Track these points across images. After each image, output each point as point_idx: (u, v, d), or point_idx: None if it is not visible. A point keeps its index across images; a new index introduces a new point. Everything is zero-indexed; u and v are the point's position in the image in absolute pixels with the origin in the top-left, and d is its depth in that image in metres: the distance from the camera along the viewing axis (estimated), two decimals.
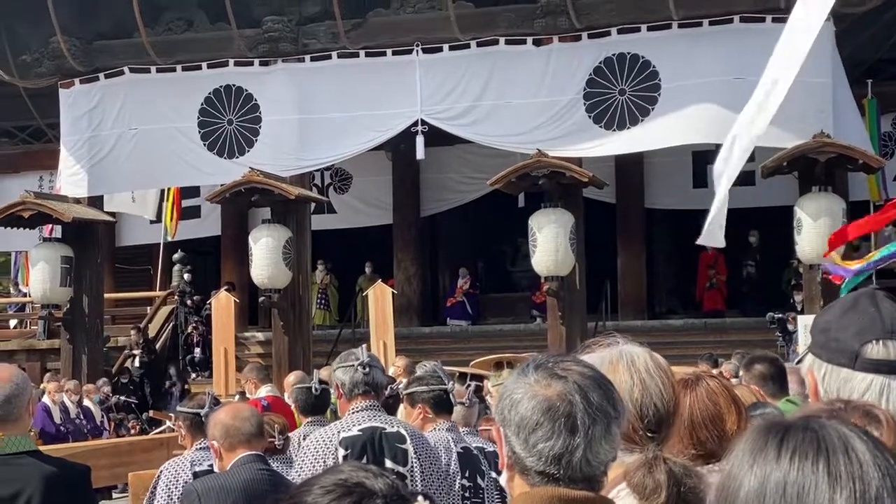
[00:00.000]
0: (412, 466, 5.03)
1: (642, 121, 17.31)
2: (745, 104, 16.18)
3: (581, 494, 2.01)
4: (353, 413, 5.07)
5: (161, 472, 5.91)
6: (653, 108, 17.28)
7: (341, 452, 4.91)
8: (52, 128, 21.25)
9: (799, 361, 2.41)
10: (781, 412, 4.51)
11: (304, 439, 5.51)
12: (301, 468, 4.93)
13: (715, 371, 7.76)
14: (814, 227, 15.69)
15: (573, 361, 2.12)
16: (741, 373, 6.43)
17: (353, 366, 5.07)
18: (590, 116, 17.53)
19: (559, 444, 2.01)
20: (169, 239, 22.94)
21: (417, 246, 22.99)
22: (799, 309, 17.01)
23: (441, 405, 5.82)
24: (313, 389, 6.72)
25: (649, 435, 2.41)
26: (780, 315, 17.10)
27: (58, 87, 19.55)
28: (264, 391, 10.10)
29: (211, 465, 5.72)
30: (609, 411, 2.05)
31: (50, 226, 19.24)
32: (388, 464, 4.88)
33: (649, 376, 2.47)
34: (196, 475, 5.70)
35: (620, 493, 2.25)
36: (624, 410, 2.12)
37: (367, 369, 5.06)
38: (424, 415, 5.83)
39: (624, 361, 2.48)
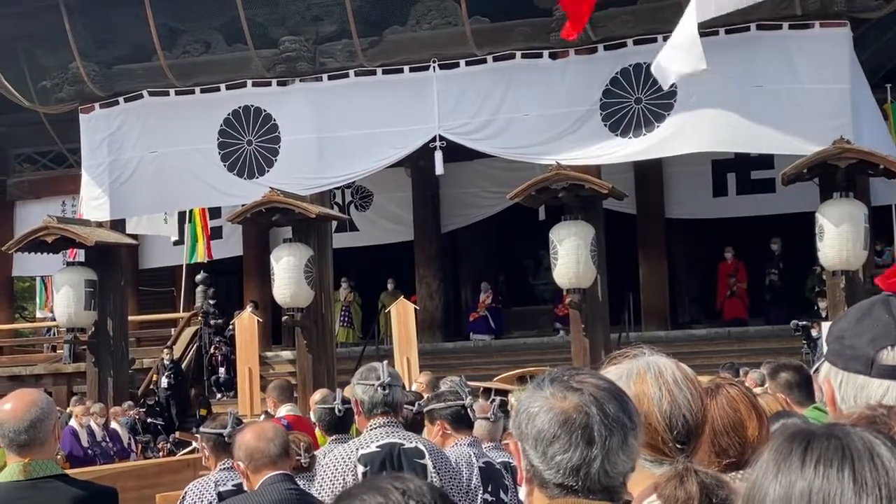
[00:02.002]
0: (431, 482, 5.02)
1: (658, 126, 17.28)
2: (764, 112, 16.25)
3: None
4: (371, 430, 5.07)
5: (186, 492, 5.92)
6: (668, 115, 17.26)
7: (360, 469, 4.92)
8: (73, 153, 21.39)
9: (816, 370, 2.41)
10: (806, 420, 4.50)
11: None
12: (321, 485, 4.94)
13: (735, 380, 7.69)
14: (836, 234, 15.62)
15: (588, 374, 2.13)
16: (767, 381, 6.41)
17: (372, 385, 5.06)
18: (606, 125, 17.54)
19: (577, 456, 2.01)
20: (199, 260, 23.06)
21: (439, 261, 23.02)
22: (824, 316, 16.92)
23: (459, 420, 5.82)
24: (336, 410, 6.71)
25: (678, 447, 2.40)
26: (804, 322, 17.02)
27: (78, 112, 19.68)
28: (283, 410, 10.09)
29: (235, 485, 5.73)
30: (625, 422, 2.06)
31: (73, 250, 19.33)
32: None
33: (678, 388, 2.46)
34: (220, 495, 5.71)
35: None
36: (640, 422, 2.12)
37: (387, 390, 5.05)
38: (443, 431, 5.83)
39: (651, 373, 2.47)
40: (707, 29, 17.13)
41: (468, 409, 5.87)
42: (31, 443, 3.85)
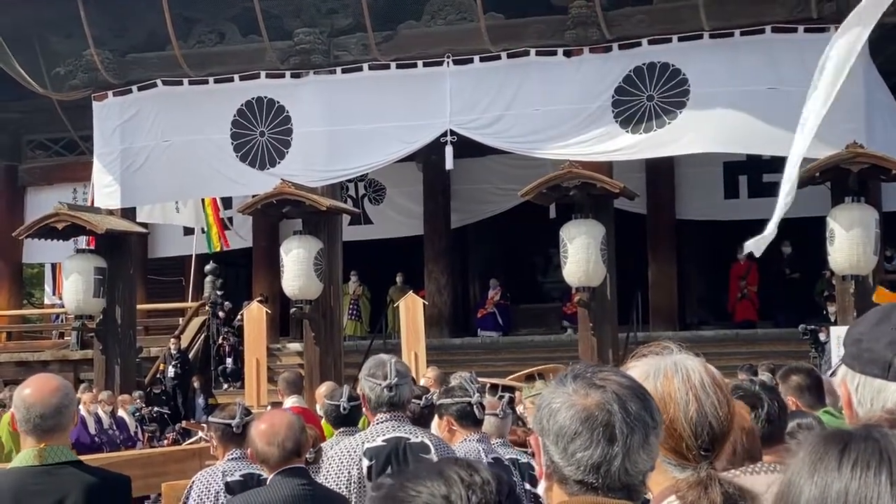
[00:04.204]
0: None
1: (669, 123, 17.26)
2: (778, 114, 16.13)
3: None
4: (377, 423, 5.08)
5: (193, 482, 5.93)
6: (680, 112, 17.23)
7: (365, 463, 4.93)
8: (86, 140, 21.41)
9: (833, 373, 2.40)
10: (819, 419, 4.50)
11: None
12: (326, 478, 4.95)
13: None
14: (846, 238, 15.57)
15: (611, 371, 2.13)
16: (778, 384, 6.41)
17: (379, 384, 5.04)
18: (617, 121, 17.52)
19: (598, 453, 2.01)
20: (215, 250, 23.10)
21: (448, 257, 23.03)
22: (832, 320, 16.89)
23: (466, 417, 5.82)
24: (342, 409, 6.72)
25: (703, 453, 2.37)
26: (812, 326, 16.99)
27: (91, 99, 19.70)
28: (289, 403, 10.12)
29: (243, 476, 5.75)
30: (647, 421, 2.05)
31: (93, 238, 19.34)
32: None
33: (705, 394, 2.41)
34: (228, 485, 5.72)
35: None
36: (662, 421, 2.12)
37: (393, 391, 5.03)
38: (450, 427, 5.84)
39: (679, 375, 2.42)
40: (722, 31, 17.15)
41: (476, 406, 5.86)
42: (55, 428, 3.86)
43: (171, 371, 20.47)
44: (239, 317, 20.85)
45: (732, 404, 2.50)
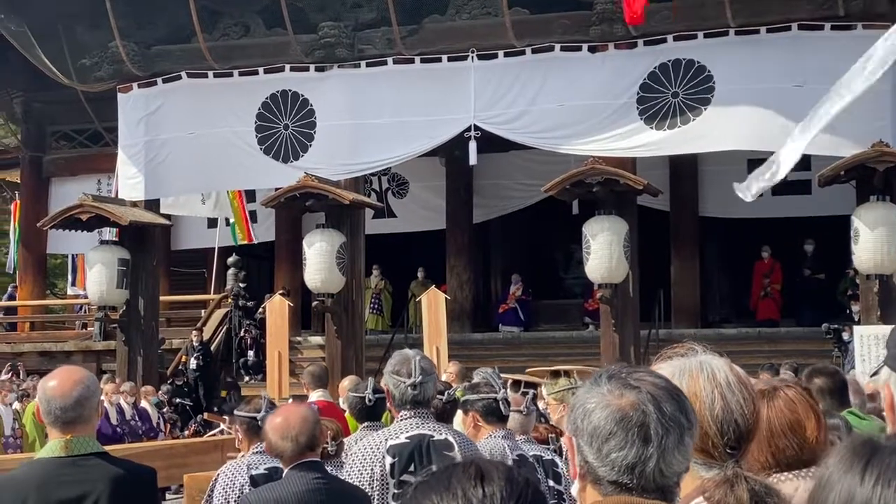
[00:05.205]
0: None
1: (694, 120, 17.18)
2: (804, 112, 15.94)
3: None
4: (401, 420, 5.05)
5: (218, 475, 5.94)
6: (705, 109, 17.15)
7: (388, 460, 4.90)
8: (110, 131, 21.48)
9: (875, 374, 2.39)
10: (847, 421, 4.47)
11: None
12: (349, 474, 4.93)
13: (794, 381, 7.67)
14: (871, 237, 15.49)
15: (646, 372, 2.12)
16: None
17: (403, 382, 5.01)
18: (641, 118, 17.45)
19: (632, 454, 2.00)
20: (240, 243, 23.16)
21: (470, 252, 23.02)
22: (856, 319, 16.81)
23: (491, 413, 5.81)
24: (367, 400, 6.71)
25: (729, 451, 2.37)
26: (835, 325, 16.91)
27: (116, 91, 19.76)
28: (314, 396, 10.13)
29: (268, 469, 5.75)
30: (682, 422, 2.04)
31: (111, 229, 19.41)
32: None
33: (731, 392, 2.42)
34: (253, 479, 5.73)
35: None
36: (696, 422, 2.11)
37: (417, 389, 5.00)
38: (475, 423, 5.83)
39: (705, 374, 2.43)
40: (748, 28, 17.07)
41: (501, 402, 5.85)
42: (76, 420, 3.87)
43: (192, 363, 20.55)
44: (261, 309, 20.90)
45: (758, 403, 2.50)
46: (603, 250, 16.68)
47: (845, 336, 16.38)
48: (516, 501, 1.66)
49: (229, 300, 22.25)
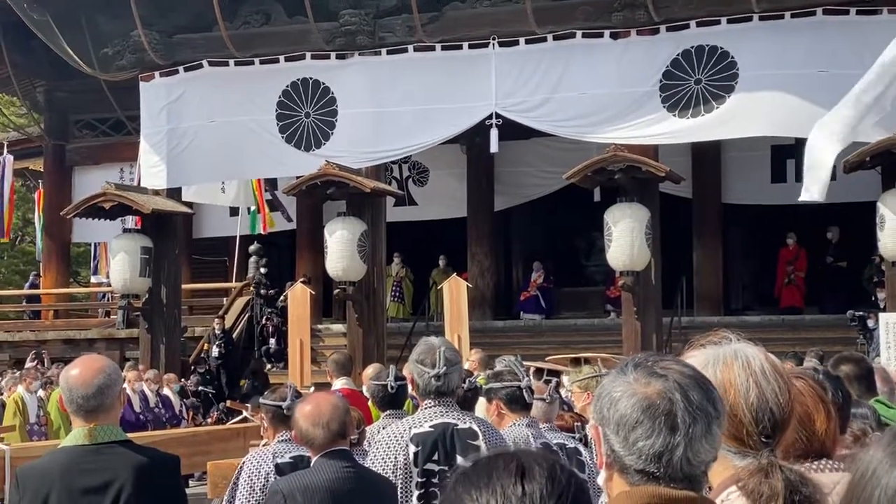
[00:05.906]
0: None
1: (717, 107, 17.07)
2: (829, 98, 15.87)
3: (682, 494, 1.98)
4: (425, 409, 5.04)
5: (244, 463, 5.95)
6: (728, 96, 17.03)
7: (412, 449, 4.89)
8: (132, 120, 21.54)
9: None
10: (875, 410, 4.44)
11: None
12: (373, 463, 4.92)
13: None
14: None
15: (673, 361, 2.10)
16: None
17: (427, 373, 4.98)
18: (664, 106, 17.35)
19: (659, 443, 1.98)
20: (264, 230, 23.21)
21: (491, 240, 23.00)
22: (881, 306, 16.70)
23: (515, 401, 5.79)
24: (389, 388, 6.70)
25: (763, 440, 2.35)
26: (860, 313, 16.81)
27: (138, 79, 19.79)
28: (338, 384, 10.15)
29: (293, 458, 5.76)
30: (710, 411, 2.02)
31: (134, 218, 19.48)
32: (460, 460, 4.84)
33: (766, 380, 2.40)
34: (278, 467, 5.73)
35: (731, 496, 2.21)
36: (724, 411, 2.08)
37: (441, 380, 4.97)
38: (499, 411, 5.82)
39: (739, 362, 2.41)
40: (772, 13, 16.94)
41: (525, 390, 5.83)
42: (98, 409, 3.88)
43: (215, 351, 20.62)
44: (282, 297, 20.95)
45: (793, 392, 2.47)
46: (625, 238, 16.62)
47: (870, 323, 16.27)
48: (556, 500, 1.62)
49: (251, 288, 22.31)
